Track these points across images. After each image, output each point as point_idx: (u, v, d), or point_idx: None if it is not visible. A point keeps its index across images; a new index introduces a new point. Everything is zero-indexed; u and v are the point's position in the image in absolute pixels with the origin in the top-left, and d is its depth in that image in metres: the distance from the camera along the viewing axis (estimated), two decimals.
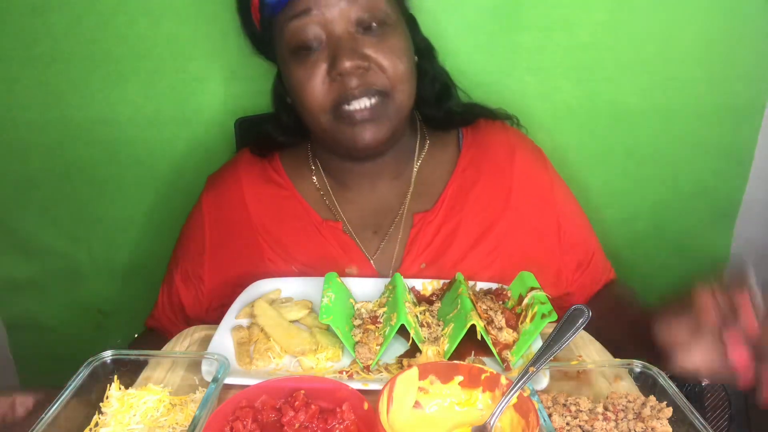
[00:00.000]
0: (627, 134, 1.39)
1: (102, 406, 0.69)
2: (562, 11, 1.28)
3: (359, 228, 1.03)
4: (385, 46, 0.91)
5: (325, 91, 0.91)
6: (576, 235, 1.06)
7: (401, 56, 0.92)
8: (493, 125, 1.10)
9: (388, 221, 1.04)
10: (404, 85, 0.93)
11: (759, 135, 1.40)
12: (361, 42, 0.90)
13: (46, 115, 1.37)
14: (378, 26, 0.91)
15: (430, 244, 1.00)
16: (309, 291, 0.93)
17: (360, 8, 0.89)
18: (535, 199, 1.04)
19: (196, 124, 1.38)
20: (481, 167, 1.04)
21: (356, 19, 0.90)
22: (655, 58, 1.32)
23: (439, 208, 1.01)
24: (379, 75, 0.91)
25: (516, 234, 1.01)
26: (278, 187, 1.06)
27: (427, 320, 0.82)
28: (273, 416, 0.64)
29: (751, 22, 1.29)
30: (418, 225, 1.01)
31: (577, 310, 0.72)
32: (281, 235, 1.03)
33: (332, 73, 0.90)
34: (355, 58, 0.89)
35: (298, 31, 0.90)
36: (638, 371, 0.73)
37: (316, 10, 0.89)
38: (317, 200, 1.05)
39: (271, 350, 0.79)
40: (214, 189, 1.09)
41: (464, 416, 0.65)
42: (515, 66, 1.32)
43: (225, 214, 1.06)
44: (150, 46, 1.31)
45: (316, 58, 0.91)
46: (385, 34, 0.91)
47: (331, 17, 0.89)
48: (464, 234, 1.00)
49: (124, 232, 1.49)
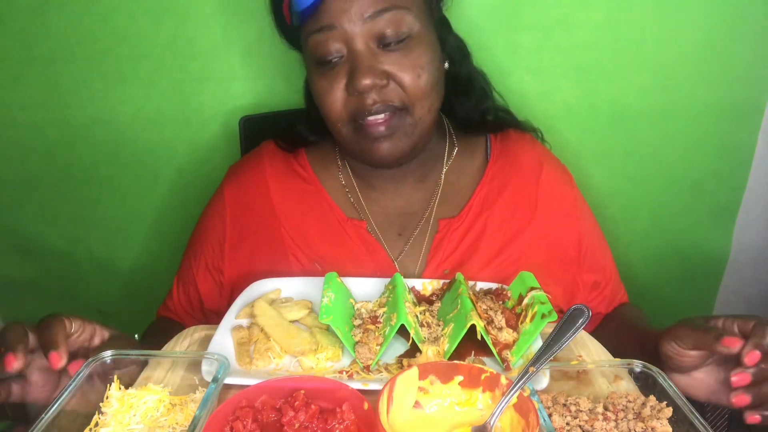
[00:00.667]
0: (627, 134, 1.39)
1: (102, 406, 0.69)
2: (562, 11, 1.28)
3: (384, 229, 1.03)
4: (406, 61, 0.89)
5: (344, 104, 0.91)
6: (596, 255, 1.06)
7: (423, 70, 0.90)
8: (523, 137, 1.10)
9: (413, 224, 1.03)
10: (425, 99, 0.92)
11: (759, 135, 1.40)
12: (381, 58, 0.89)
13: (46, 115, 1.37)
14: (401, 41, 0.89)
15: (455, 250, 1.00)
16: (309, 291, 0.93)
17: (383, 25, 0.88)
18: (559, 215, 1.04)
19: (197, 124, 1.38)
20: (508, 178, 1.04)
21: (378, 35, 0.88)
22: (655, 58, 1.32)
23: (465, 216, 1.01)
24: (397, 91, 0.90)
25: (538, 247, 1.01)
26: (303, 181, 1.06)
27: (427, 320, 0.82)
28: (273, 416, 0.64)
29: (751, 22, 1.29)
30: (444, 231, 1.00)
31: (577, 310, 0.72)
32: (305, 229, 1.02)
33: (350, 89, 0.89)
34: (374, 75, 0.88)
35: (320, 44, 0.90)
36: (638, 371, 0.73)
37: (338, 25, 0.88)
38: (342, 198, 1.05)
39: (271, 350, 0.79)
40: (236, 179, 1.08)
41: (464, 416, 0.65)
42: (515, 66, 1.33)
43: (248, 205, 1.05)
44: (150, 46, 1.31)
45: (337, 71, 0.90)
46: (407, 49, 0.89)
47: (353, 33, 0.88)
48: (488, 243, 1.00)
49: (124, 232, 1.50)
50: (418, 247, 1.01)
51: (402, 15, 0.88)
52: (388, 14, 0.87)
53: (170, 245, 1.18)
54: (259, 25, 1.28)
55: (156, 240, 1.50)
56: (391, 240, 1.02)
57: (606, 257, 1.10)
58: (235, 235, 1.05)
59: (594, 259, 1.06)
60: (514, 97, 1.31)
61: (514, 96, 1.31)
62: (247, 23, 1.29)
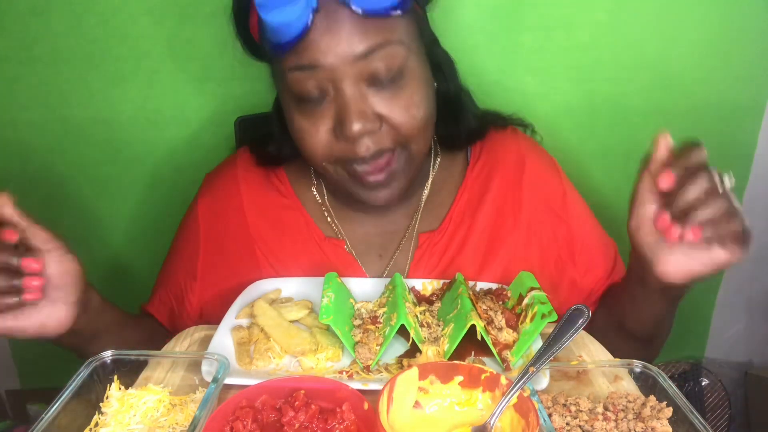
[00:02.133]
0: (627, 134, 1.39)
1: (102, 406, 0.69)
2: (562, 11, 1.28)
3: (363, 249, 0.99)
4: (400, 101, 0.81)
5: (331, 147, 0.83)
6: (591, 251, 1.01)
7: (418, 106, 0.82)
8: (503, 134, 1.03)
9: (394, 243, 0.99)
10: (421, 134, 0.84)
11: (759, 135, 1.40)
12: (372, 99, 0.80)
13: (46, 115, 1.37)
14: (393, 79, 0.80)
15: (437, 265, 0.96)
16: (309, 291, 0.93)
17: (375, 64, 0.77)
18: (547, 214, 0.99)
19: (196, 124, 1.38)
20: (489, 179, 0.99)
21: (369, 75, 0.78)
22: (655, 58, 1.32)
23: (445, 228, 0.97)
24: (391, 134, 0.82)
25: (528, 251, 0.97)
26: (280, 195, 1.00)
27: (427, 320, 0.82)
28: (273, 416, 0.64)
29: (751, 22, 1.29)
30: (424, 246, 0.97)
31: (577, 310, 0.72)
32: (280, 247, 0.98)
33: (338, 134, 0.81)
34: (365, 120, 0.79)
35: (302, 82, 0.79)
36: (638, 371, 0.73)
37: (324, 65, 0.77)
38: (321, 215, 1.00)
39: (271, 350, 0.79)
40: (210, 193, 1.03)
41: (464, 416, 0.65)
42: (515, 66, 1.33)
43: (221, 221, 1.00)
44: (150, 46, 1.31)
45: (322, 111, 0.81)
46: (399, 86, 0.80)
47: (341, 75, 0.77)
48: (472, 253, 0.96)
49: (124, 232, 1.50)
50: (399, 264, 0.98)
51: (395, 50, 0.78)
52: (382, 52, 0.77)
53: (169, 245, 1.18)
54: None
55: (156, 240, 1.50)
56: (371, 261, 0.99)
57: (604, 243, 1.03)
58: (208, 251, 1.00)
59: (590, 257, 1.00)
60: (514, 97, 1.31)
61: (514, 96, 1.32)
62: None
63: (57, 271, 0.75)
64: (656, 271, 0.78)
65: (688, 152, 0.71)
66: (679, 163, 0.71)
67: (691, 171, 0.70)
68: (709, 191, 0.69)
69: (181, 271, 1.02)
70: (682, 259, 0.76)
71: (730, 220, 0.70)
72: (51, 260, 0.75)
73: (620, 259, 1.04)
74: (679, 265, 0.76)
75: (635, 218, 0.78)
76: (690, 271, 0.76)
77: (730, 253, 0.73)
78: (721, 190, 0.69)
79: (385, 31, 0.78)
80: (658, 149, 0.74)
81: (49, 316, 0.77)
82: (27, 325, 0.75)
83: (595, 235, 1.03)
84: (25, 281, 0.71)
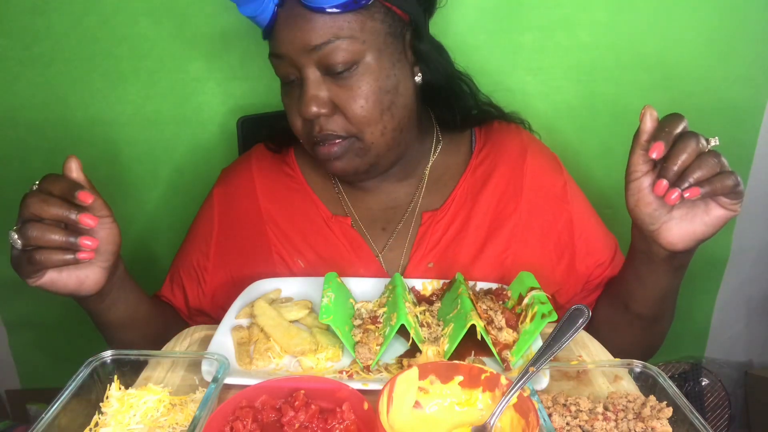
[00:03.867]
0: (627, 134, 1.37)
1: (102, 406, 0.69)
2: (562, 11, 1.28)
3: (368, 224, 1.04)
4: (350, 92, 0.89)
5: (300, 124, 0.94)
6: (590, 238, 1.04)
7: (367, 100, 0.89)
8: (508, 127, 1.08)
9: (397, 218, 1.04)
10: (373, 126, 0.91)
11: (759, 135, 1.40)
12: (327, 86, 0.89)
13: (47, 115, 1.37)
14: (347, 69, 0.88)
15: (438, 243, 1.00)
16: (309, 291, 0.93)
17: (327, 54, 0.86)
18: (547, 200, 1.03)
19: (196, 124, 1.38)
20: (492, 168, 1.03)
21: (324, 65, 0.87)
22: (656, 58, 1.32)
23: (448, 207, 1.01)
24: (340, 121, 0.90)
25: (528, 233, 1.00)
26: (289, 179, 1.07)
27: (427, 320, 0.82)
28: (273, 416, 0.64)
29: (751, 22, 1.29)
30: (427, 223, 1.01)
31: (577, 310, 0.72)
32: (290, 227, 1.03)
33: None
34: (317, 104, 0.88)
35: (277, 67, 0.92)
36: (638, 371, 0.73)
37: (287, 55, 0.89)
38: (328, 195, 1.06)
39: (271, 350, 0.79)
40: (225, 181, 1.10)
41: (464, 416, 0.65)
42: (515, 66, 1.33)
43: (235, 205, 1.07)
44: (150, 46, 1.31)
45: (295, 92, 0.92)
46: (353, 78, 0.88)
47: (300, 63, 0.88)
48: (473, 234, 1.00)
49: (124, 232, 1.49)
50: (401, 240, 1.02)
51: (348, 45, 0.86)
52: (329, 46, 0.86)
53: (169, 245, 1.18)
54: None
55: (156, 240, 1.50)
56: (376, 235, 1.03)
57: (604, 237, 1.06)
58: (222, 235, 1.06)
59: (590, 243, 1.04)
60: (515, 97, 1.31)
61: (515, 96, 1.32)
62: (247, 23, 1.28)
63: (104, 236, 0.82)
64: (661, 242, 0.80)
65: (671, 122, 0.75)
66: (665, 133, 0.74)
67: (678, 137, 0.74)
68: (698, 151, 0.72)
69: (195, 252, 1.07)
70: (684, 224, 0.78)
71: (723, 176, 0.72)
72: (102, 226, 0.81)
73: (621, 254, 1.05)
74: (682, 231, 0.79)
75: (632, 193, 0.80)
76: (693, 233, 0.79)
77: (728, 207, 0.76)
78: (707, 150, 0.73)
79: (335, 27, 0.86)
80: (645, 123, 0.77)
81: (88, 276, 0.83)
82: (69, 281, 0.81)
83: (595, 225, 1.06)
84: (82, 240, 0.75)
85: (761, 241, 1.55)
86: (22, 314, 1.60)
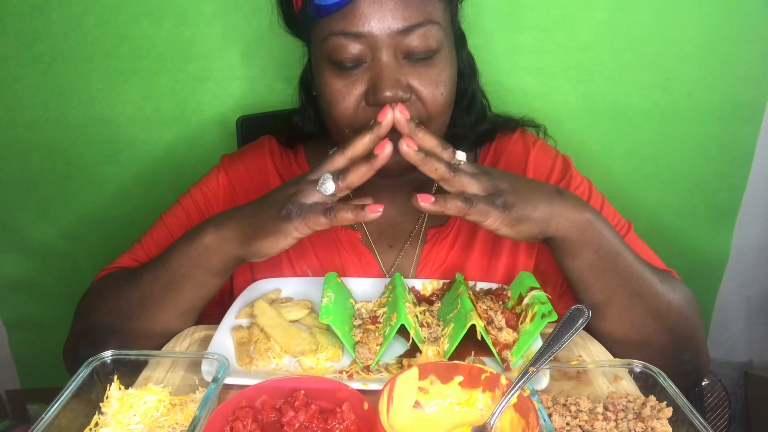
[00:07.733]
0: (627, 134, 1.39)
1: (102, 406, 0.69)
2: (562, 11, 1.28)
3: (376, 239, 1.02)
4: (430, 76, 0.86)
5: (359, 112, 0.88)
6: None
7: (445, 86, 0.88)
8: (510, 135, 1.06)
9: (404, 235, 1.02)
10: (442, 115, 0.90)
11: (759, 135, 1.40)
12: (405, 70, 0.85)
13: (46, 115, 1.37)
14: (427, 56, 0.86)
15: (445, 260, 0.98)
16: (309, 291, 0.93)
17: (414, 39, 0.84)
18: None
19: (196, 124, 1.38)
20: None
21: (407, 49, 0.84)
22: (655, 58, 1.32)
23: (453, 224, 1.00)
24: (417, 106, 0.87)
25: (533, 245, 0.98)
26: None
27: (427, 320, 0.82)
28: (273, 416, 0.64)
29: (751, 22, 1.29)
30: (432, 240, 0.99)
31: (577, 310, 0.72)
32: None
33: (371, 99, 0.86)
34: (397, 88, 0.84)
35: (342, 48, 0.85)
36: (638, 371, 0.73)
37: (367, 34, 0.83)
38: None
39: (271, 350, 0.79)
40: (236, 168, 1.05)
41: (464, 416, 0.65)
42: (515, 66, 1.33)
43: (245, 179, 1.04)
44: (150, 46, 1.31)
45: (356, 77, 0.86)
46: (431, 63, 0.86)
47: (381, 44, 0.83)
48: (480, 250, 0.98)
49: (124, 232, 1.49)
50: (408, 258, 1.00)
51: (433, 30, 0.85)
52: (421, 29, 0.84)
53: None
54: (258, 25, 1.28)
55: None
56: (383, 252, 1.01)
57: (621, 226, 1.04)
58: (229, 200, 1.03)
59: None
60: (515, 97, 1.31)
61: (515, 96, 1.32)
62: (247, 23, 1.29)
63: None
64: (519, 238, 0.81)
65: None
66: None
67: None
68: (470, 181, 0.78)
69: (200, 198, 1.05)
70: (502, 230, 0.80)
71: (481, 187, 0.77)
72: None
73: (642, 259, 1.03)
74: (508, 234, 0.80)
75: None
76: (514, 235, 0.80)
77: (491, 214, 0.77)
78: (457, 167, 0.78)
79: (426, 11, 0.85)
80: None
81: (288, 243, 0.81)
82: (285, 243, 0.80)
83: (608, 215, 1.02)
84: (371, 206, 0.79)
85: (761, 241, 1.55)
86: (22, 314, 1.60)
